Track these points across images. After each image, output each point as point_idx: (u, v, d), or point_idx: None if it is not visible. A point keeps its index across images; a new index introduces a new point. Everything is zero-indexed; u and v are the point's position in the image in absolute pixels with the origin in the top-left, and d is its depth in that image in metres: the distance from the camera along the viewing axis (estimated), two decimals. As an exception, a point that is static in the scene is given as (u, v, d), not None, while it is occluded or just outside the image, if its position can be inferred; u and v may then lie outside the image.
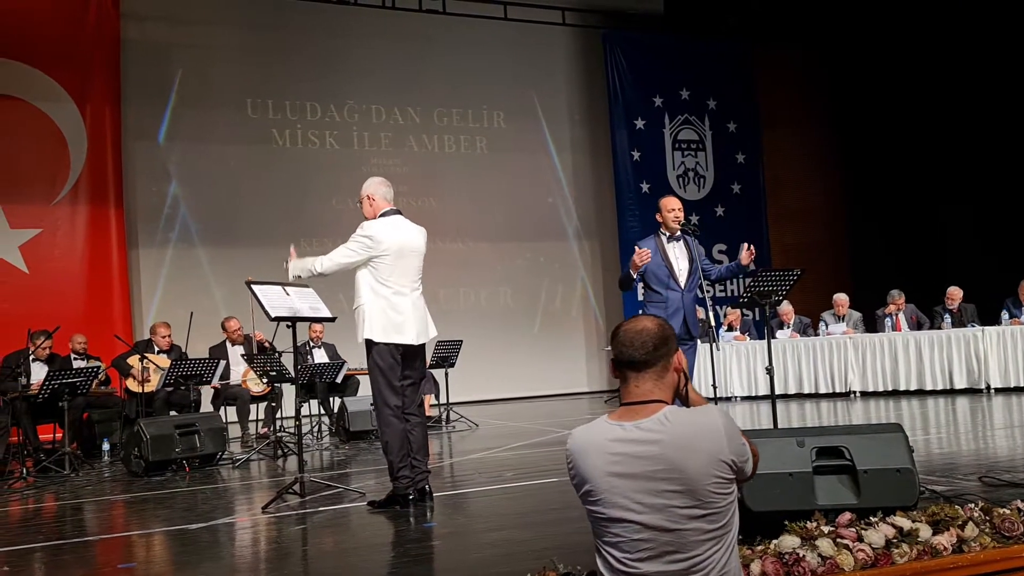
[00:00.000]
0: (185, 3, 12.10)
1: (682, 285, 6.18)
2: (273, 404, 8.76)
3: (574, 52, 14.53)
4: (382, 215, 5.06)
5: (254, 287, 5.32)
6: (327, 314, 5.58)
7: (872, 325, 11.10)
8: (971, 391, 9.94)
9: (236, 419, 9.10)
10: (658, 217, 6.38)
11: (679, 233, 6.30)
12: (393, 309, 4.93)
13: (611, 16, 14.64)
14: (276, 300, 5.37)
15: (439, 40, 13.38)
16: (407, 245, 5.03)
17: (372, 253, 4.93)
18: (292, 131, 12.69)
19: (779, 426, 6.01)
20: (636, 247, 6.32)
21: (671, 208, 6.30)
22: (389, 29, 13.12)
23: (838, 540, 3.08)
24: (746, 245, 6.19)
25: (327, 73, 12.83)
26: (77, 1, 11.18)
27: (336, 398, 9.46)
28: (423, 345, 5.13)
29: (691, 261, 6.24)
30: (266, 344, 8.88)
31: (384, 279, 4.94)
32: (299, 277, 5.16)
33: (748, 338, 11.53)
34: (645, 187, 13.97)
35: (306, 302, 5.58)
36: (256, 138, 12.47)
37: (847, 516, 3.24)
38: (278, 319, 5.31)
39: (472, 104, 13.73)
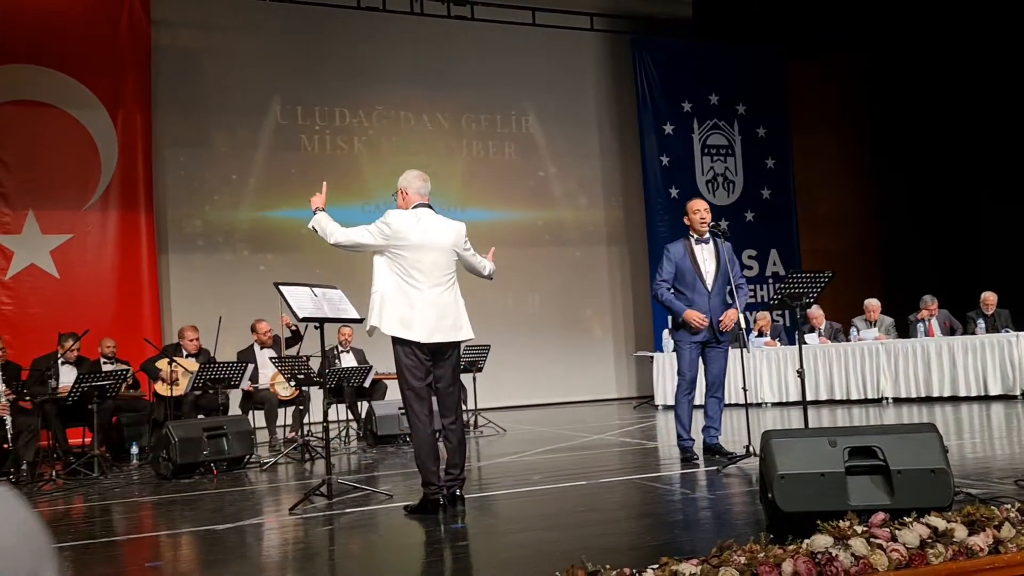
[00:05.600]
0: (215, 10, 12.22)
1: (709, 288, 6.21)
2: (301, 407, 8.78)
3: (603, 57, 14.52)
4: (412, 209, 4.98)
5: (282, 288, 5.34)
6: (354, 315, 5.58)
7: (904, 331, 10.95)
8: (1006, 397, 9.77)
9: (264, 424, 9.13)
10: (685, 220, 6.41)
11: (708, 235, 6.31)
12: (405, 302, 4.80)
13: (640, 21, 14.61)
14: (304, 301, 5.38)
15: (468, 46, 13.41)
16: (429, 240, 4.88)
17: (388, 242, 4.82)
18: (321, 136, 12.76)
19: (810, 430, 5.92)
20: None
21: (697, 210, 6.34)
22: (418, 35, 13.17)
23: (871, 540, 3.01)
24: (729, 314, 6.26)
25: (356, 78, 12.90)
26: (110, 9, 11.32)
27: (364, 402, 9.47)
28: (454, 345, 4.97)
29: (719, 264, 6.26)
30: (293, 327, 8.86)
31: (401, 270, 4.83)
32: (313, 230, 5.03)
33: (779, 343, 11.41)
34: (674, 192, 13.89)
35: (334, 304, 5.59)
36: (285, 144, 12.56)
37: (880, 516, 3.17)
38: (306, 320, 5.31)
39: (501, 109, 13.74)
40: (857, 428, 3.80)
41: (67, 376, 8.26)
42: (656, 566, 2.96)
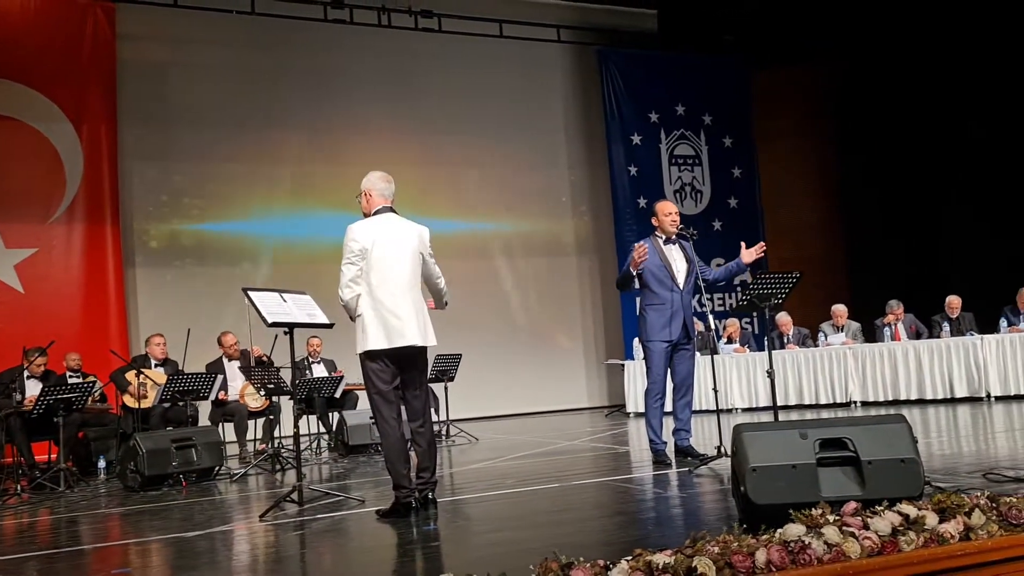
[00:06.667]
0: (181, 23, 12.11)
1: (680, 286, 6.25)
2: (271, 417, 8.70)
3: (570, 69, 14.59)
4: (374, 213, 4.93)
5: (251, 293, 5.29)
6: (324, 320, 5.54)
7: (871, 335, 11.07)
8: (971, 399, 9.90)
9: (234, 436, 9.04)
10: (654, 221, 6.45)
11: (675, 236, 6.36)
12: (377, 314, 4.74)
13: (606, 33, 14.70)
14: (273, 307, 5.33)
15: (435, 58, 13.40)
16: (393, 244, 4.83)
17: (364, 254, 4.77)
18: (288, 149, 12.66)
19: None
20: (634, 245, 6.36)
21: (668, 212, 6.37)
22: (385, 47, 13.15)
23: (844, 528, 3.03)
24: (744, 245, 6.29)
25: (323, 91, 12.84)
26: (73, 22, 11.20)
27: (335, 413, 9.40)
28: (422, 350, 4.93)
29: (688, 262, 6.32)
30: (264, 359, 8.82)
31: (368, 279, 4.78)
32: (351, 316, 4.87)
33: (748, 350, 11.50)
34: (642, 202, 13.95)
35: (303, 309, 5.55)
36: (252, 156, 12.46)
37: (852, 505, 3.19)
38: (275, 325, 5.26)
39: (468, 121, 13.72)
40: (827, 420, 3.84)
41: (33, 389, 8.12)
42: (630, 558, 2.96)
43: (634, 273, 6.25)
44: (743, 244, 6.38)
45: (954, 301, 10.88)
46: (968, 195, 13.13)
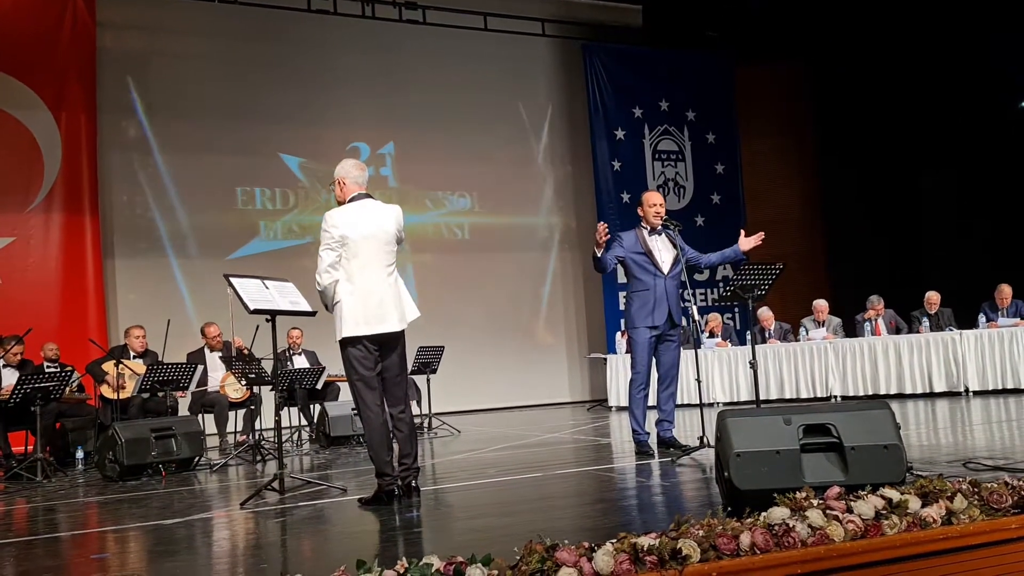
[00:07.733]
0: (162, 13, 12.01)
1: (665, 272, 6.26)
2: (252, 407, 8.64)
3: (554, 63, 14.57)
4: (350, 200, 4.90)
5: (233, 280, 5.24)
6: (307, 308, 5.51)
7: (852, 330, 11.13)
8: (950, 394, 9.97)
9: (214, 427, 8.97)
10: (639, 211, 6.44)
11: (660, 228, 6.36)
12: (357, 300, 4.73)
13: (591, 28, 14.70)
14: (255, 293, 5.29)
15: (419, 51, 13.34)
16: (372, 230, 4.81)
17: (342, 241, 4.74)
18: (270, 142, 12.57)
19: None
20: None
21: (652, 203, 6.37)
22: (369, 40, 13.09)
23: (827, 512, 3.04)
24: (744, 232, 6.33)
25: (306, 84, 12.74)
26: (53, 10, 11.08)
27: (316, 405, 9.35)
28: (401, 333, 4.92)
29: (675, 250, 6.33)
30: (245, 351, 8.76)
31: (348, 265, 4.75)
32: (327, 304, 4.86)
33: (730, 344, 11.53)
34: (626, 197, 13.96)
35: (286, 296, 5.51)
36: (233, 148, 12.36)
37: (836, 489, 3.20)
38: (257, 312, 5.22)
39: (453, 114, 13.66)
40: (811, 407, 3.85)
41: (9, 379, 8.03)
42: (615, 540, 2.95)
43: (598, 255, 6.27)
44: (743, 232, 6.43)
45: (933, 297, 10.96)
46: (949, 192, 13.22)
